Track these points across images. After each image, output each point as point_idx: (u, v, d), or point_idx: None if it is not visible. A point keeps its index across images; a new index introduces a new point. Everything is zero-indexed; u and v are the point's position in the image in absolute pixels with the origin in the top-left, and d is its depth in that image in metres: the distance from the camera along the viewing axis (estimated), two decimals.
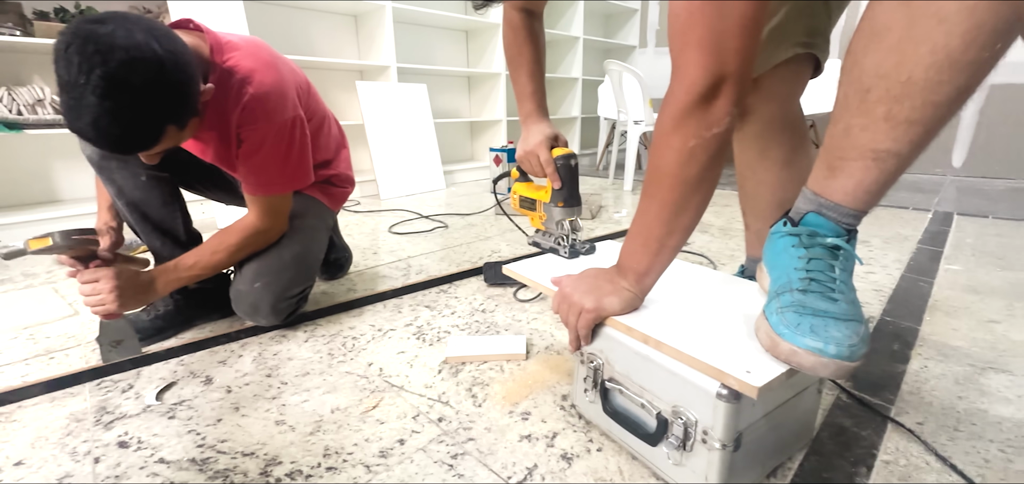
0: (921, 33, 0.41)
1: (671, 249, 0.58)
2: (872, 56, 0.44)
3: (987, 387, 0.77)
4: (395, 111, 2.79)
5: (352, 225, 2.03)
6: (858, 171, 0.48)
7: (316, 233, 1.08)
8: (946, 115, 0.44)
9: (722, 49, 0.48)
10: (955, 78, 0.41)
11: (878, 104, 0.44)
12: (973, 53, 0.39)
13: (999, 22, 0.38)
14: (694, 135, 0.51)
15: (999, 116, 2.80)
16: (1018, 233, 1.68)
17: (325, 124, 1.10)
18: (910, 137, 0.44)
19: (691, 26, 0.49)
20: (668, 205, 0.56)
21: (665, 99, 0.53)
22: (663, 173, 0.55)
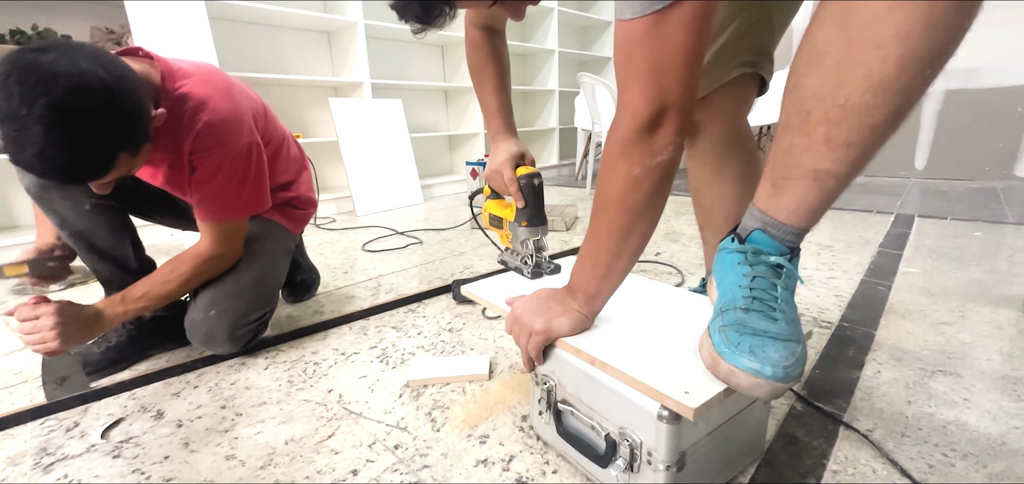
0: (858, 58, 0.41)
1: (619, 272, 0.59)
2: (811, 78, 0.45)
3: (935, 391, 0.79)
4: (370, 127, 2.78)
5: (326, 244, 2.01)
6: (801, 190, 0.49)
7: (276, 257, 1.06)
8: (882, 138, 0.45)
9: (663, 80, 0.48)
10: (890, 102, 0.41)
11: (818, 126, 0.45)
12: (906, 78, 0.40)
13: (930, 50, 0.39)
14: (639, 163, 0.52)
15: (955, 120, 2.90)
16: (972, 233, 1.74)
17: (284, 146, 1.08)
18: (849, 158, 0.45)
19: (633, 57, 0.49)
20: (615, 230, 0.56)
21: (611, 127, 0.54)
22: (609, 199, 0.55)
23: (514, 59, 4.03)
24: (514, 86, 3.80)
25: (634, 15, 0.47)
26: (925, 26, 0.37)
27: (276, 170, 1.05)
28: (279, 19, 2.54)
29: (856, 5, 0.40)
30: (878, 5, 0.38)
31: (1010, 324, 1.01)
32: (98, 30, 2.19)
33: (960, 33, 0.39)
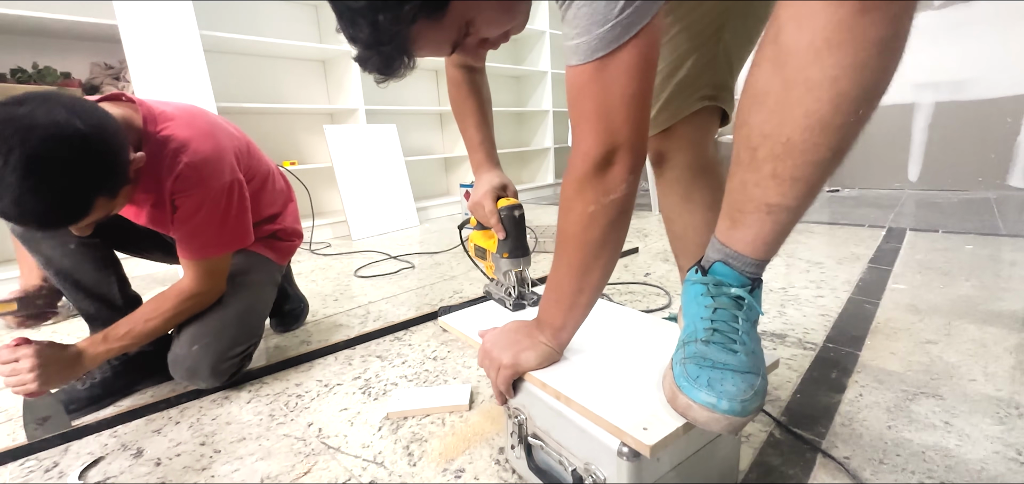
0: (794, 98, 0.42)
1: (583, 306, 0.60)
2: (756, 117, 0.46)
3: (916, 414, 0.78)
4: (364, 152, 2.81)
5: (319, 270, 2.02)
6: (755, 223, 0.50)
7: (260, 289, 1.07)
8: (826, 172, 0.46)
9: (611, 121, 0.50)
10: (828, 140, 0.43)
11: (765, 162, 0.46)
12: (841, 118, 0.41)
13: (860, 91, 0.40)
14: (593, 201, 0.53)
15: (946, 132, 2.92)
16: (962, 246, 1.74)
17: (269, 180, 1.10)
18: (796, 192, 0.46)
19: (581, 101, 0.51)
20: (575, 266, 0.57)
21: (567, 166, 0.55)
22: (568, 236, 0.57)
23: (508, 80, 4.08)
24: (509, 107, 3.86)
25: (580, 61, 0.49)
26: (853, 69, 0.39)
27: (262, 203, 1.07)
28: (274, 50, 2.60)
29: (789, 49, 0.41)
30: (808, 50, 0.40)
31: (995, 342, 1.01)
32: (97, 66, 2.24)
33: (887, 75, 0.40)
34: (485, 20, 0.54)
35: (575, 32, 0.48)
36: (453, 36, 0.54)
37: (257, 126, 2.70)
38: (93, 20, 1.97)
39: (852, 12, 0.37)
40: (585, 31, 0.47)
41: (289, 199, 1.21)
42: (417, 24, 0.49)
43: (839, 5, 0.37)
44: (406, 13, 0.47)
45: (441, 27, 0.51)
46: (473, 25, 0.54)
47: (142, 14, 1.99)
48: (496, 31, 0.57)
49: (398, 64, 0.53)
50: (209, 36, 2.22)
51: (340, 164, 2.68)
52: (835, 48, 0.39)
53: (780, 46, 0.42)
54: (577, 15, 0.47)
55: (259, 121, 2.71)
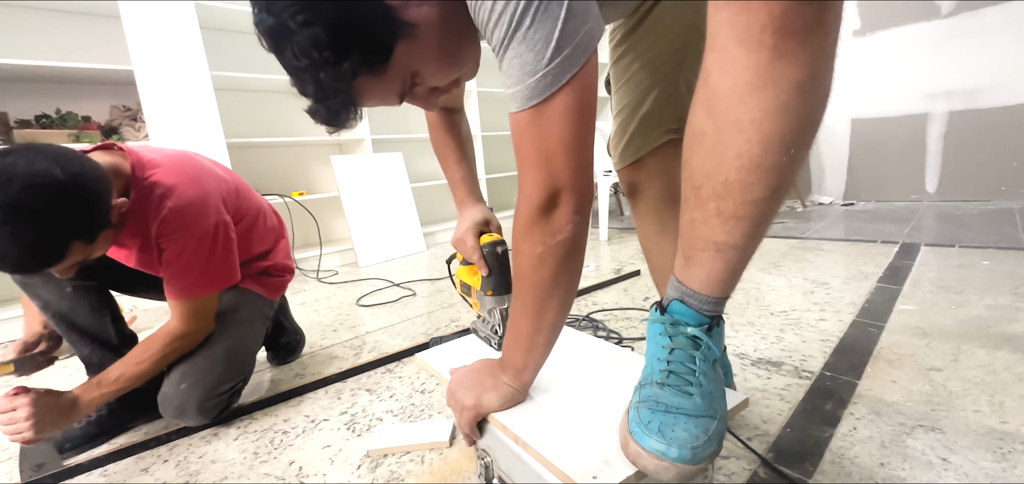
0: (727, 139, 0.43)
1: (542, 345, 0.60)
2: (696, 158, 0.47)
3: (912, 450, 0.74)
4: (371, 181, 2.86)
5: (322, 299, 2.04)
6: (706, 261, 0.50)
7: (249, 326, 1.09)
8: (767, 211, 0.46)
9: (552, 165, 0.51)
10: (764, 179, 0.43)
11: (709, 200, 0.47)
12: (772, 158, 0.42)
13: (786, 131, 0.41)
14: (540, 242, 0.53)
15: (964, 141, 2.82)
16: (979, 262, 1.66)
17: (259, 218, 1.13)
18: (741, 231, 0.46)
19: (523, 144, 0.52)
20: (530, 306, 0.57)
21: (516, 211, 0.56)
22: (521, 277, 0.57)
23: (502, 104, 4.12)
24: (502, 131, 3.89)
25: (518, 108, 0.50)
26: (775, 111, 0.39)
27: (252, 241, 1.09)
28: (282, 86, 2.68)
29: (716, 93, 0.42)
30: (732, 93, 0.41)
31: (1006, 368, 0.95)
32: (116, 108, 2.34)
33: (812, 116, 0.40)
34: (431, 71, 0.55)
35: (511, 81, 0.49)
36: (398, 88, 0.54)
37: (266, 159, 2.79)
38: (110, 66, 2.07)
39: (769, 57, 0.38)
40: (518, 80, 0.48)
41: (280, 235, 1.24)
42: (359, 79, 0.50)
43: (757, 51, 0.38)
44: (346, 71, 0.48)
45: (384, 80, 0.52)
46: (419, 76, 0.55)
47: (156, 58, 2.09)
48: (444, 79, 0.58)
49: (345, 116, 0.54)
50: (219, 75, 2.32)
51: (347, 193, 2.73)
52: (757, 91, 0.39)
53: (710, 89, 0.43)
54: (510, 65, 0.48)
55: (268, 154, 2.80)
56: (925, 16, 2.80)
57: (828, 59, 0.40)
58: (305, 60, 0.47)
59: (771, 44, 0.38)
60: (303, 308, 1.93)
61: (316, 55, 0.46)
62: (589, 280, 1.91)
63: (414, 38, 0.50)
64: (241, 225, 1.05)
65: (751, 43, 0.39)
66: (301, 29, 0.46)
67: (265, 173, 2.78)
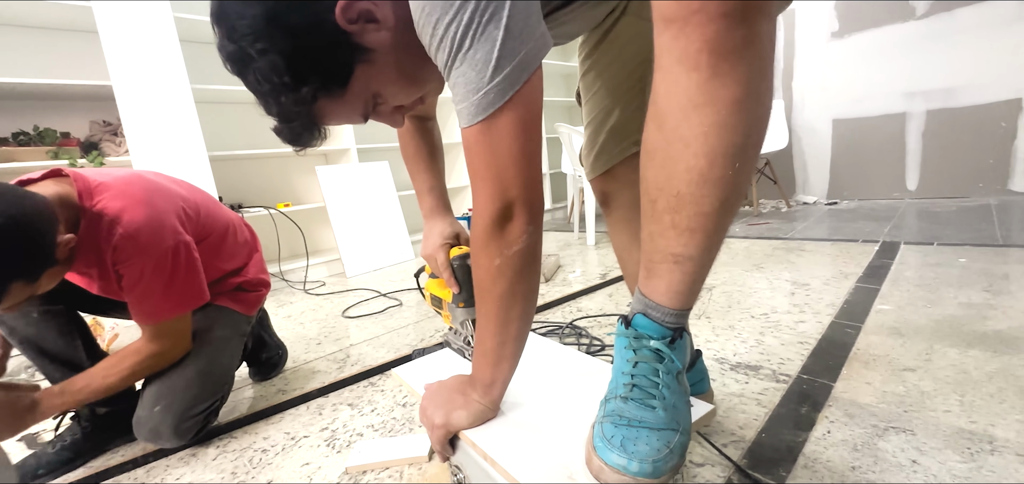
0: (676, 154, 0.45)
1: (508, 358, 0.60)
2: (650, 172, 0.48)
3: (883, 452, 0.75)
4: (357, 191, 2.85)
5: (309, 311, 2.03)
6: (665, 273, 0.51)
7: (225, 344, 1.08)
8: (719, 222, 0.47)
9: (503, 179, 0.52)
10: (713, 192, 0.45)
11: (664, 214, 0.48)
12: (718, 171, 0.43)
13: (729, 146, 0.43)
14: (497, 254, 0.54)
15: (941, 139, 2.87)
16: (956, 260, 1.69)
17: (229, 234, 1.12)
18: (696, 242, 0.48)
19: (473, 159, 0.53)
20: (492, 318, 0.58)
21: (471, 225, 0.57)
22: (481, 290, 0.58)
23: None
24: None
25: (468, 123, 0.51)
26: (717, 127, 0.41)
27: (222, 257, 1.08)
28: None
29: (663, 110, 0.44)
30: (678, 111, 0.43)
31: (976, 367, 0.97)
32: (96, 124, 2.32)
33: (753, 131, 0.42)
34: (392, 93, 0.56)
35: (458, 97, 0.51)
36: (360, 108, 0.56)
37: (250, 172, 2.77)
38: (89, 82, 2.05)
39: (706, 77, 0.40)
40: (464, 97, 0.49)
41: (254, 249, 1.23)
42: (320, 102, 0.52)
43: (695, 71, 0.41)
44: (305, 95, 0.50)
45: (345, 102, 0.54)
46: (380, 96, 0.56)
47: (135, 72, 2.07)
48: (407, 99, 0.59)
49: (308, 136, 0.56)
50: (200, 88, 2.30)
51: (333, 203, 2.72)
52: (699, 108, 0.41)
53: (657, 106, 0.45)
54: (457, 82, 0.50)
55: (252, 167, 2.78)
56: (901, 17, 2.85)
57: (763, 77, 0.42)
58: (266, 84, 0.49)
59: (707, 64, 0.40)
60: (288, 321, 1.91)
61: (276, 80, 0.49)
62: (575, 286, 1.92)
63: (371, 62, 0.52)
64: (207, 242, 1.04)
65: (689, 64, 0.41)
66: (260, 56, 0.48)
67: (249, 186, 2.76)
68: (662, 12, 0.42)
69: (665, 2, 0.41)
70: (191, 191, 1.07)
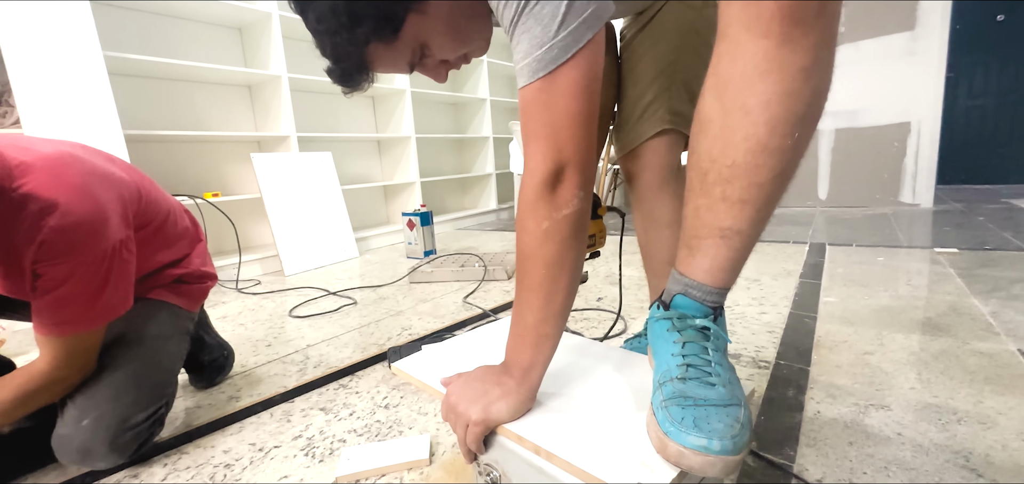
0: (734, 123, 0.45)
1: (549, 337, 0.57)
2: (703, 143, 0.49)
3: (871, 427, 0.81)
4: (297, 182, 2.63)
5: (247, 311, 1.83)
6: (711, 249, 0.51)
7: (164, 343, 0.92)
8: (772, 194, 0.47)
9: (558, 139, 0.51)
10: (769, 161, 0.45)
11: (715, 185, 0.48)
12: (777, 140, 0.44)
13: (792, 115, 0.43)
14: (546, 217, 0.53)
15: (847, 155, 3.25)
16: (875, 259, 1.91)
17: (169, 221, 0.96)
18: (747, 215, 0.48)
19: (530, 120, 0.52)
20: (536, 289, 0.55)
21: (520, 186, 0.55)
22: (525, 256, 0.55)
23: (448, 108, 4.06)
24: (449, 134, 3.83)
25: (525, 82, 0.51)
26: (782, 95, 0.42)
27: (160, 247, 0.93)
28: (192, 74, 2.38)
29: (725, 78, 0.45)
30: (741, 79, 0.44)
31: (921, 348, 1.09)
32: None
33: (815, 100, 0.43)
34: (439, 45, 0.57)
35: (520, 55, 0.51)
36: (408, 57, 0.57)
37: (174, 155, 2.46)
38: None
39: (776, 44, 0.41)
40: (527, 53, 0.49)
41: (197, 238, 1.07)
42: (371, 46, 0.54)
43: (764, 38, 0.41)
44: (359, 37, 0.52)
45: (395, 49, 0.55)
46: (428, 48, 0.57)
47: (30, 27, 1.75)
48: (452, 54, 0.60)
49: (358, 79, 0.57)
50: (115, 57, 2.00)
51: (270, 195, 2.49)
52: (765, 75, 0.42)
53: (719, 76, 0.46)
54: (520, 41, 0.50)
55: (176, 149, 2.47)
56: None
57: (829, 48, 0.43)
58: (324, 24, 0.52)
59: (778, 31, 0.41)
60: (225, 322, 1.71)
61: (333, 21, 0.51)
62: None
63: (423, 13, 0.54)
64: (145, 232, 0.89)
65: (759, 30, 0.42)
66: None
67: (172, 171, 2.45)
68: None
69: None
70: (129, 171, 0.90)
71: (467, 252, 2.55)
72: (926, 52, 2.93)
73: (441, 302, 1.76)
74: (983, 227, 2.36)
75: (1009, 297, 1.37)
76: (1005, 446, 0.74)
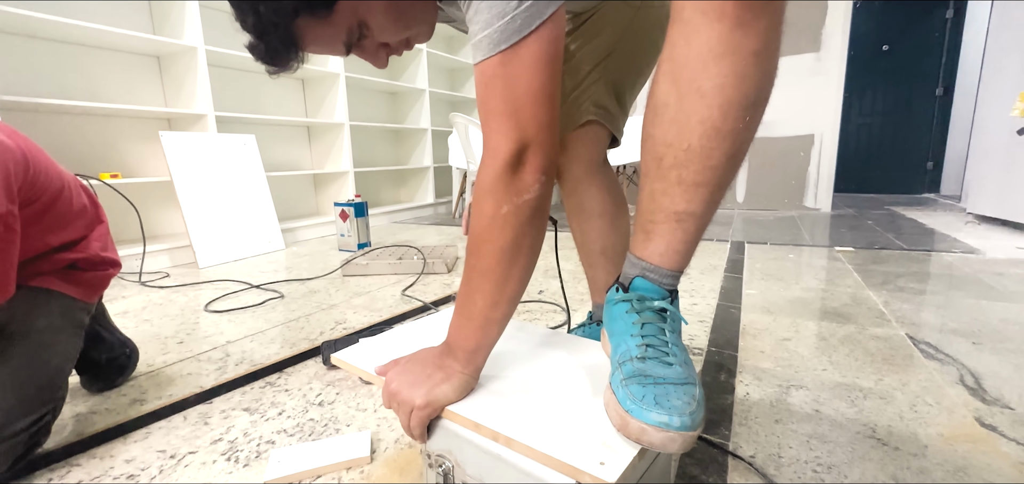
0: (689, 107, 0.46)
1: (497, 321, 0.56)
2: (659, 128, 0.49)
3: (793, 406, 0.88)
4: (215, 165, 2.40)
5: (154, 306, 1.63)
6: (667, 232, 0.52)
7: (53, 336, 0.80)
8: (725, 177, 0.49)
9: (520, 117, 0.49)
10: (722, 144, 0.47)
11: (670, 170, 0.49)
12: (730, 123, 0.46)
13: (744, 98, 0.45)
14: (506, 201, 0.51)
15: (761, 162, 3.55)
16: (787, 255, 2.09)
17: (63, 197, 0.83)
18: (701, 197, 0.49)
19: (489, 95, 0.50)
20: (488, 275, 0.53)
21: (478, 168, 0.53)
22: (481, 241, 0.53)
23: (385, 97, 3.91)
24: (386, 124, 3.69)
25: (484, 56, 0.48)
26: (735, 78, 0.44)
27: (50, 228, 0.80)
28: (87, 37, 2.10)
29: (681, 62, 0.46)
30: (696, 61, 0.44)
31: (829, 334, 1.20)
32: None
33: (765, 83, 0.45)
34: (379, 25, 0.53)
35: (478, 27, 0.48)
36: (343, 36, 0.52)
37: (62, 129, 2.14)
38: None
39: (730, 27, 0.42)
40: (487, 24, 0.47)
41: (96, 219, 0.94)
42: (301, 19, 0.48)
43: (718, 22, 0.43)
44: (287, 7, 0.47)
45: (329, 24, 0.50)
46: (367, 27, 0.52)
47: None
48: (394, 37, 0.55)
49: (285, 56, 0.51)
50: None
51: (182, 179, 2.25)
52: (719, 58, 0.43)
53: (674, 60, 0.46)
54: (478, 10, 0.47)
55: (65, 123, 2.15)
56: None
57: (777, 33, 0.45)
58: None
59: (732, 14, 0.42)
60: (126, 318, 1.51)
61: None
62: None
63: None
64: (33, 208, 0.76)
65: (714, 13, 0.43)
66: None
67: (61, 147, 2.13)
68: None
69: None
70: (14, 137, 0.76)
71: (405, 245, 2.47)
72: (829, 73, 3.27)
73: (378, 295, 1.68)
74: (872, 230, 2.68)
75: (897, 289, 1.56)
76: (902, 417, 0.83)
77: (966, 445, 0.74)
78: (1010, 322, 1.25)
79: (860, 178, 4.67)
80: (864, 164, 4.65)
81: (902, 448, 0.74)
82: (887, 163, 4.56)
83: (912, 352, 1.08)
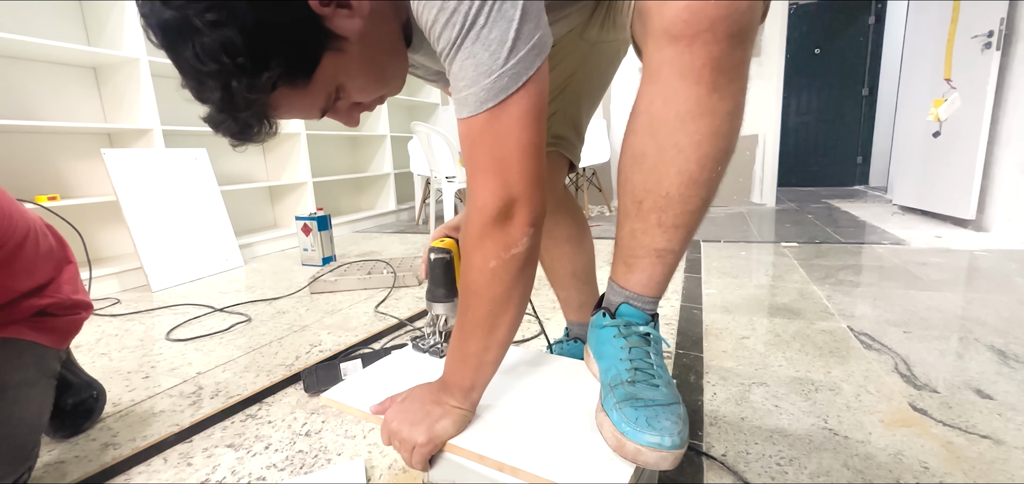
0: (668, 159, 0.51)
1: (490, 363, 0.59)
2: (638, 176, 0.54)
3: (755, 403, 0.96)
4: (164, 182, 2.29)
5: (109, 338, 1.55)
6: (648, 266, 0.57)
7: (28, 392, 0.76)
8: (699, 217, 0.55)
9: (507, 173, 0.50)
10: (698, 192, 0.52)
11: (650, 213, 0.54)
12: (706, 174, 0.51)
13: (717, 151, 0.50)
14: (494, 256, 0.52)
15: None
16: (739, 253, 2.24)
17: (28, 241, 0.79)
18: (679, 237, 0.55)
19: (475, 151, 0.50)
20: (480, 322, 0.56)
21: (466, 218, 0.54)
22: (471, 292, 0.56)
23: None
24: (343, 131, 3.61)
25: (471, 113, 0.49)
26: (711, 135, 0.49)
27: (16, 274, 0.76)
28: (10, 49, 1.94)
29: (660, 120, 0.50)
30: (676, 120, 0.49)
31: (782, 330, 1.31)
32: None
33: (734, 137, 0.51)
34: (357, 87, 0.52)
35: (463, 84, 0.48)
36: (321, 102, 0.51)
37: None
38: None
39: (707, 91, 0.47)
40: (473, 82, 0.47)
41: (64, 260, 0.90)
42: (278, 91, 0.45)
43: (696, 85, 0.47)
44: (264, 81, 0.43)
45: (307, 93, 0.48)
46: (343, 90, 0.51)
47: None
48: (369, 95, 0.55)
49: (256, 130, 0.48)
50: None
51: (128, 197, 2.13)
52: (697, 118, 0.48)
53: (652, 117, 0.50)
54: (463, 67, 0.47)
55: None
56: None
57: (745, 92, 0.51)
58: (212, 65, 0.41)
59: (709, 79, 0.47)
60: (80, 352, 1.43)
61: (227, 61, 0.41)
62: None
63: (341, 51, 0.47)
64: (3, 251, 0.73)
65: (693, 78, 0.47)
66: (210, 30, 0.39)
67: None
68: (667, 28, 0.47)
69: (670, 21, 0.46)
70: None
71: (371, 258, 2.44)
72: (769, 76, 3.49)
73: (350, 313, 1.67)
74: (812, 223, 2.90)
75: (838, 283, 1.71)
76: (849, 406, 0.93)
77: (903, 429, 0.85)
78: (934, 310, 1.41)
79: (799, 173, 5.02)
80: (802, 160, 5.00)
81: (850, 437, 0.84)
82: (823, 158, 4.92)
83: (854, 344, 1.21)
